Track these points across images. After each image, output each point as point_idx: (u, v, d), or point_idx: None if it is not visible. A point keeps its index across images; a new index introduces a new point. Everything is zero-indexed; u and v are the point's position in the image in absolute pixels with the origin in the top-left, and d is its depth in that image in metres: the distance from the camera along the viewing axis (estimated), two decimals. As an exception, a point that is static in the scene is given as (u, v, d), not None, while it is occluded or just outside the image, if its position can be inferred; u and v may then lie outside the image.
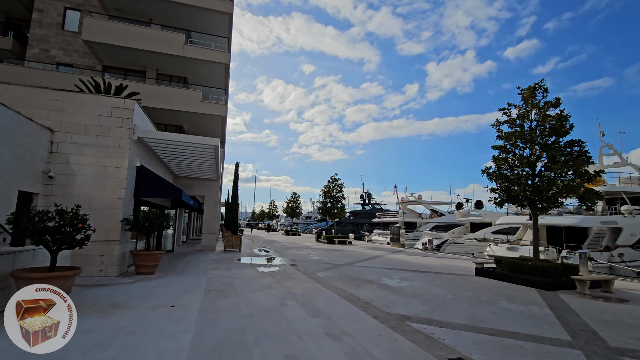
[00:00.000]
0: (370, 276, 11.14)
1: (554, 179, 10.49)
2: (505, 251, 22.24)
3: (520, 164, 11.30)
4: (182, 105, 18.23)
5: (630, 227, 20.13)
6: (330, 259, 16.40)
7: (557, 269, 10.10)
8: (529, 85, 11.70)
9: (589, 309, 7.35)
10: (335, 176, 31.35)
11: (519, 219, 24.78)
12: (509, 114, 12.14)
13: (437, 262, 16.45)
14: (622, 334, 5.59)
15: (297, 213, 48.29)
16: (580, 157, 10.48)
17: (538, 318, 6.48)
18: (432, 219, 41.21)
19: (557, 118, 10.86)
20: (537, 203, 11.06)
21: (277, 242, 28.37)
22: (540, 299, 8.23)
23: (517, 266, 10.72)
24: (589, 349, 4.84)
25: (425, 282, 10.24)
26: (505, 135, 12.00)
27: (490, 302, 7.79)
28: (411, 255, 19.94)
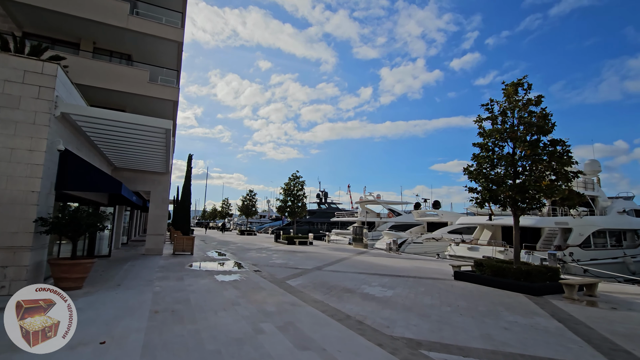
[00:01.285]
0: (347, 283, 9.91)
1: (539, 179, 10.11)
2: (466, 251, 22.50)
3: (505, 163, 10.82)
4: (124, 85, 15.55)
5: (578, 228, 21.34)
6: (295, 262, 14.95)
7: (541, 272, 9.71)
8: (512, 81, 11.29)
9: (595, 319, 6.79)
10: (297, 173, 29.89)
11: (477, 219, 25.36)
12: (491, 111, 11.66)
13: (407, 264, 15.77)
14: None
15: (253, 212, 45.97)
16: (563, 157, 10.22)
17: (556, 334, 5.68)
18: (390, 218, 41.49)
19: (541, 116, 10.53)
20: (519, 203, 10.66)
21: (233, 243, 26.19)
22: (538, 308, 7.58)
23: (501, 270, 10.20)
24: (643, 378, 4.03)
25: (409, 290, 9.25)
26: (488, 132, 11.50)
27: (491, 313, 6.94)
28: (378, 257, 19.19)
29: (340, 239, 36.36)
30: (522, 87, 11.09)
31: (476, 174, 11.47)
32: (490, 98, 11.80)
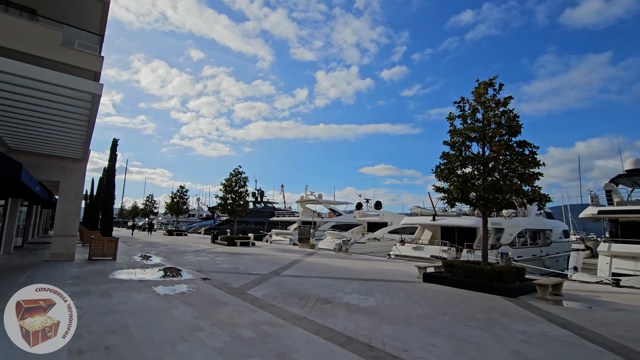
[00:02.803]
0: (319, 291, 8.65)
1: (512, 179, 10.11)
2: (411, 250, 22.88)
3: (478, 162, 10.65)
4: (26, 45, 12.07)
5: (509, 228, 23.19)
6: (246, 266, 13.17)
7: (512, 272, 9.66)
8: (484, 80, 11.24)
9: (590, 322, 6.60)
10: (239, 169, 27.57)
11: (420, 219, 26.15)
12: (463, 109, 11.49)
13: (365, 266, 15.09)
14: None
15: (184, 210, 41.76)
16: (528, 159, 10.38)
17: (576, 345, 5.19)
18: (331, 218, 41.22)
19: (510, 117, 10.59)
20: (490, 204, 10.58)
21: (163, 245, 22.92)
22: (529, 312, 7.25)
23: (473, 271, 9.94)
24: None
25: (389, 297, 8.36)
26: (458, 131, 11.28)
27: (494, 322, 6.34)
28: (330, 258, 18.26)
29: (282, 240, 34.83)
30: (493, 87, 11.09)
31: (447, 173, 11.16)
32: (462, 96, 11.64)
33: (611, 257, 16.16)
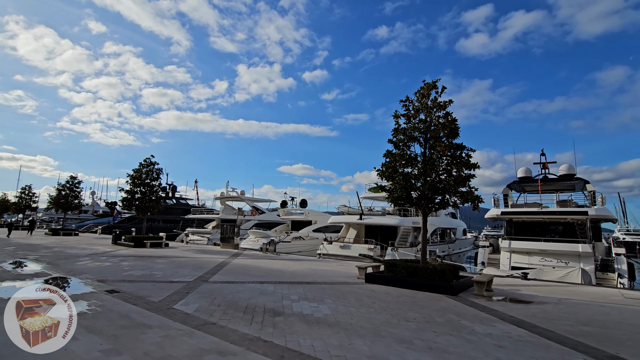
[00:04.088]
0: (262, 300, 7.48)
1: (456, 179, 10.38)
2: (338, 249, 22.86)
3: (423, 162, 10.71)
4: None
5: (428, 227, 24.96)
6: (163, 272, 11.10)
7: (451, 270, 9.90)
8: (427, 82, 11.41)
9: (534, 318, 6.87)
10: (152, 159, 24.04)
11: (347, 218, 26.44)
12: (408, 108, 11.50)
13: (299, 267, 14.25)
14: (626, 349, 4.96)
15: (76, 205, 35.07)
16: (464, 160, 10.83)
17: (542, 346, 5.17)
18: (254, 216, 39.38)
19: (451, 120, 10.93)
20: (430, 204, 10.75)
21: (46, 247, 18.44)
22: (479, 312, 7.30)
23: (416, 270, 9.91)
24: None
25: (342, 303, 7.65)
26: (403, 130, 11.25)
27: (457, 325, 6.10)
28: (259, 259, 16.93)
29: (199, 239, 31.81)
30: (436, 90, 11.33)
31: (391, 171, 11.03)
32: (407, 96, 11.68)
33: (510, 253, 18.43)
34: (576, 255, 16.29)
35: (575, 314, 7.31)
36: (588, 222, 18.26)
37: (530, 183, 23.66)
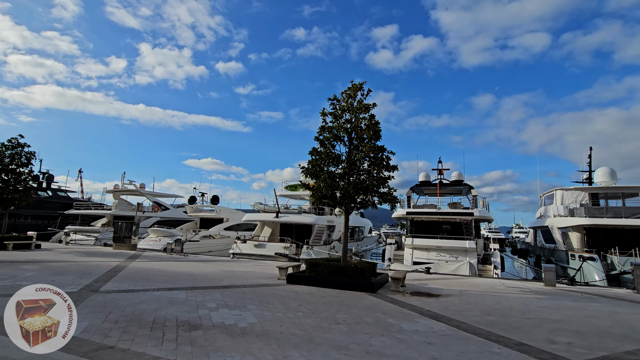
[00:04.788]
0: (173, 311, 6.41)
1: (379, 180, 10.68)
2: (253, 248, 21.94)
3: (347, 161, 10.76)
4: None
5: (339, 225, 25.79)
6: (35, 282, 8.76)
7: (370, 268, 10.18)
8: (354, 83, 11.57)
9: (449, 312, 7.38)
10: (20, 139, 19.27)
11: (263, 216, 25.59)
12: (335, 107, 11.48)
13: (213, 270, 13.04)
14: (532, 335, 5.62)
15: None
16: (385, 163, 11.32)
17: (462, 339, 5.50)
18: (155, 213, 35.24)
19: (375, 122, 11.28)
20: (352, 203, 10.90)
21: None
22: (399, 308, 7.56)
23: (338, 269, 9.89)
24: None
25: (267, 308, 7.08)
26: (329, 128, 11.19)
27: (384, 323, 6.13)
28: (164, 262, 15.01)
29: (85, 239, 26.95)
30: (362, 92, 11.56)
31: (317, 169, 10.86)
32: (334, 94, 11.67)
33: (413, 249, 20.28)
34: (464, 250, 18.73)
35: (477, 305, 8.18)
36: (473, 222, 21.29)
37: (428, 187, 26.55)
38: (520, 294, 9.95)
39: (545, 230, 24.38)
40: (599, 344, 5.40)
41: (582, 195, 23.03)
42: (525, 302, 8.70)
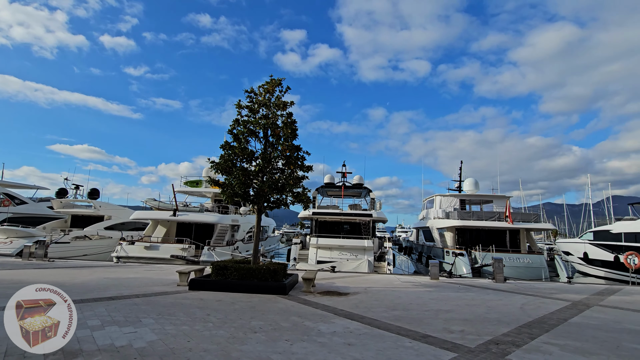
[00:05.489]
0: (38, 335, 4.97)
1: (296, 179, 10.44)
2: (143, 251, 19.33)
3: (262, 159, 10.26)
4: None
5: (244, 225, 24.77)
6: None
7: (282, 269, 9.90)
8: (274, 79, 11.16)
9: (356, 307, 7.61)
10: None
11: (156, 214, 22.75)
12: (252, 101, 10.86)
13: (92, 277, 10.88)
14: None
15: None
16: (301, 162, 11.24)
17: (378, 336, 5.69)
18: (6, 207, 27.86)
19: (292, 121, 11.10)
20: (266, 202, 10.48)
21: None
22: (314, 309, 7.48)
23: (249, 272, 9.32)
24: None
25: (168, 322, 6.13)
26: (244, 122, 10.55)
27: (302, 327, 5.94)
28: (22, 270, 11.88)
29: None
30: (280, 88, 11.25)
31: (230, 165, 10.09)
32: (252, 87, 11.07)
33: (317, 249, 20.82)
34: (363, 249, 20.09)
35: (382, 301, 8.72)
36: (371, 222, 23.08)
37: (332, 188, 27.78)
38: (414, 288, 11.06)
39: (427, 231, 28.08)
40: (483, 329, 6.28)
41: (455, 201, 27.28)
42: (419, 296, 9.68)
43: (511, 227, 21.68)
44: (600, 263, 27.30)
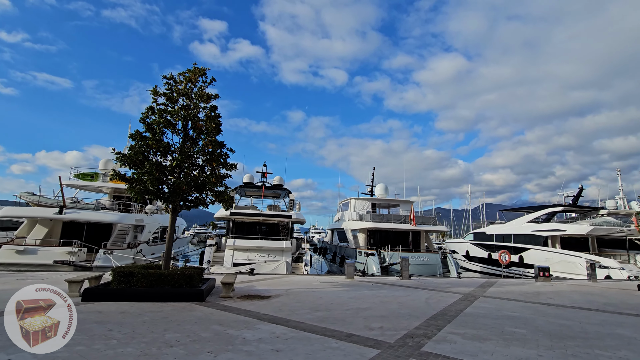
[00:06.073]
0: None
1: (219, 177, 9.71)
2: (14, 256, 15.90)
3: (181, 153, 9.35)
4: None
5: (149, 225, 22.25)
6: None
7: (198, 274, 9.14)
8: (197, 67, 10.30)
9: (280, 310, 7.45)
10: None
11: (35, 211, 18.85)
12: (171, 89, 9.84)
13: None
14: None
15: None
16: (221, 160, 10.58)
17: (305, 339, 5.64)
18: None
19: (217, 116, 10.41)
20: (182, 201, 9.59)
21: None
22: (236, 315, 7.08)
23: (160, 278, 8.35)
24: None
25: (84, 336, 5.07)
26: (161, 111, 9.50)
27: (226, 337, 5.55)
28: None
29: None
30: (204, 78, 10.45)
31: (141, 158, 8.94)
32: (171, 73, 10.04)
33: (234, 250, 19.94)
34: (281, 250, 19.99)
35: (305, 302, 8.75)
36: (290, 223, 23.14)
37: (252, 188, 27.06)
38: (332, 288, 11.41)
39: (341, 232, 29.42)
40: (398, 324, 6.78)
41: (367, 204, 29.20)
42: (339, 295, 10.02)
43: (414, 228, 24.14)
44: (479, 260, 32.42)
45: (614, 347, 5.64)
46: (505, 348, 5.42)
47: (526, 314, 8.14)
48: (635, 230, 22.73)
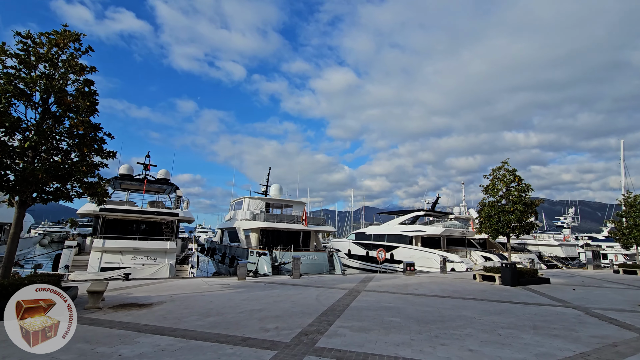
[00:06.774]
0: None
1: (91, 166, 8.03)
2: None
3: (37, 133, 7.46)
4: None
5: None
6: None
7: (55, 282, 7.42)
8: (67, 30, 8.44)
9: (170, 320, 6.68)
10: None
11: None
12: (28, 51, 7.81)
13: None
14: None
15: None
16: (99, 146, 8.95)
17: (195, 348, 5.18)
18: None
19: (93, 92, 8.74)
20: (36, 192, 7.72)
21: None
22: (106, 330, 6.01)
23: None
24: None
25: None
26: (7, 75, 7.48)
27: (93, 358, 4.66)
28: None
29: None
30: (79, 44, 8.65)
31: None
32: (29, 31, 7.99)
33: (102, 253, 17.02)
34: (164, 252, 18.08)
35: (193, 308, 8.08)
36: (176, 222, 21.12)
37: (130, 181, 23.68)
38: (223, 291, 10.89)
39: (233, 232, 28.42)
40: (293, 323, 6.90)
41: (261, 204, 28.99)
42: (231, 298, 9.62)
43: (306, 229, 25.09)
44: (358, 257, 35.82)
45: (462, 327, 6.97)
46: (386, 336, 6.11)
47: (399, 304, 9.35)
48: (472, 232, 28.69)
